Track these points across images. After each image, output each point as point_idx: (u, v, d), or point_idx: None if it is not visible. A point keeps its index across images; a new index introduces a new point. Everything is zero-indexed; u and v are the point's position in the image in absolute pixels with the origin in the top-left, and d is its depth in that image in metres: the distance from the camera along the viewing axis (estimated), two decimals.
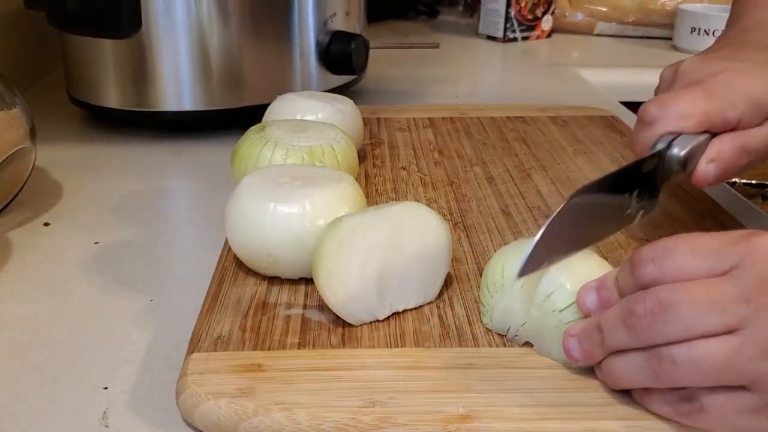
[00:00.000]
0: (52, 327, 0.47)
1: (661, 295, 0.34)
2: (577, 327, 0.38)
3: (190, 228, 0.63)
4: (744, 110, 0.45)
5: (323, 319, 0.43)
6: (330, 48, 0.81)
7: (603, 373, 0.37)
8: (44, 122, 0.78)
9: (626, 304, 0.35)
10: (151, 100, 0.76)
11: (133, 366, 0.43)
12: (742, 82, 0.46)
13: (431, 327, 0.43)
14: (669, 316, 0.33)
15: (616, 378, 0.36)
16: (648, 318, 0.34)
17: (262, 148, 0.54)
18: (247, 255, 0.47)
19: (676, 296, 0.34)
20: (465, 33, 1.38)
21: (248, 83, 0.77)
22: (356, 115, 0.66)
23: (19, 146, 0.59)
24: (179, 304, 0.49)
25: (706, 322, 0.33)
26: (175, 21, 0.73)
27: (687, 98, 0.45)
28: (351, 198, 0.47)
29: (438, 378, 0.38)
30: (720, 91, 0.46)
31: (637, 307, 0.34)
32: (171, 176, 0.72)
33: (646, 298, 0.34)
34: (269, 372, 0.39)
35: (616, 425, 0.35)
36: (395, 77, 1.04)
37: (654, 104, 0.47)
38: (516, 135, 0.75)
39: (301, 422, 0.35)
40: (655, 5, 1.32)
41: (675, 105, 0.45)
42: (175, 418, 0.38)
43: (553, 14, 1.34)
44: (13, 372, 0.42)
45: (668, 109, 0.46)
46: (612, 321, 0.36)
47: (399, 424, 0.35)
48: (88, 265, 0.54)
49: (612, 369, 0.36)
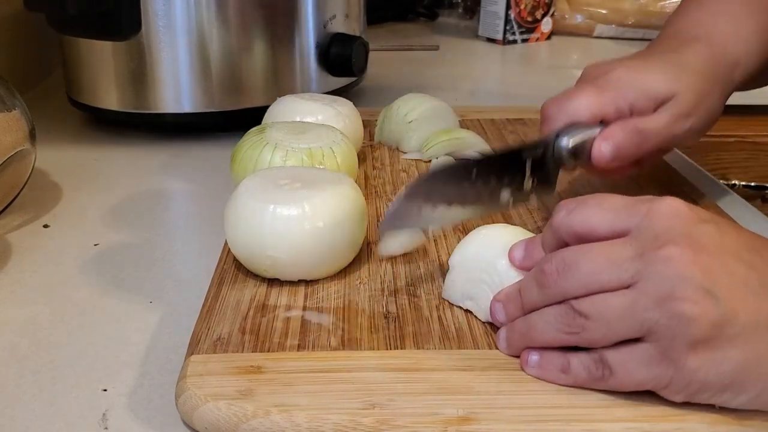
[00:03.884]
0: (52, 329, 0.47)
1: (565, 254, 0.38)
2: (502, 293, 0.42)
3: (190, 230, 0.63)
4: (633, 99, 0.50)
5: (323, 321, 0.43)
6: (330, 50, 0.81)
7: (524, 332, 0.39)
8: (44, 124, 0.78)
9: (538, 265, 0.39)
10: (150, 102, 0.76)
11: (133, 368, 0.43)
12: (632, 75, 0.51)
13: (431, 329, 0.43)
14: (571, 273, 0.37)
15: (535, 333, 0.39)
16: (554, 275, 0.38)
17: (261, 150, 0.54)
18: (247, 257, 0.47)
19: (578, 255, 0.37)
20: (465, 35, 1.38)
21: (248, 85, 0.77)
22: (356, 117, 0.66)
23: (18, 148, 0.59)
24: (179, 306, 0.49)
25: (603, 277, 0.36)
26: (174, 23, 0.73)
27: (580, 94, 0.51)
28: (350, 200, 0.47)
29: (437, 380, 0.38)
30: (610, 86, 0.51)
31: (546, 266, 0.38)
32: (170, 178, 0.72)
33: (553, 258, 0.38)
34: (269, 374, 0.38)
35: (617, 427, 0.35)
36: (395, 79, 1.04)
37: (551, 102, 0.52)
38: (516, 137, 0.75)
39: (301, 424, 0.35)
40: (655, 7, 1.32)
41: (569, 101, 0.50)
42: (175, 420, 0.38)
43: (553, 16, 1.34)
44: (12, 374, 0.42)
45: (563, 106, 0.50)
46: (528, 281, 0.40)
47: (398, 426, 0.35)
48: (88, 267, 0.54)
49: (531, 323, 0.39)
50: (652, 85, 0.50)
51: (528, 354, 0.39)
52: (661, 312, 0.34)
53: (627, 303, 0.35)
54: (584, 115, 0.50)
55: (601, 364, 0.37)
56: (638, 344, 0.36)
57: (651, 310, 0.35)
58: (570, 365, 0.38)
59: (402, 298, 0.46)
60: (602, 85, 0.51)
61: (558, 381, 0.38)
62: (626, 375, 0.36)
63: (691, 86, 0.51)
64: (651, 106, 0.50)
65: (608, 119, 0.50)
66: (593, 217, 0.38)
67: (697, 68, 0.52)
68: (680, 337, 0.34)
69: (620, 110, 0.50)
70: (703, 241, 0.35)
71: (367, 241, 0.50)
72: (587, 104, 0.50)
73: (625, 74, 0.51)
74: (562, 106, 0.51)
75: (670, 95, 0.50)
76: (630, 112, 0.50)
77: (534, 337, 0.39)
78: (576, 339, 0.37)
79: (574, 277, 0.37)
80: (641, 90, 0.50)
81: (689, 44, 0.54)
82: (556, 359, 0.38)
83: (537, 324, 0.39)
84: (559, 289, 0.38)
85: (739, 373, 0.34)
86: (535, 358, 0.39)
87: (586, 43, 1.34)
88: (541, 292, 0.39)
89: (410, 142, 0.70)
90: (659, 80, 0.51)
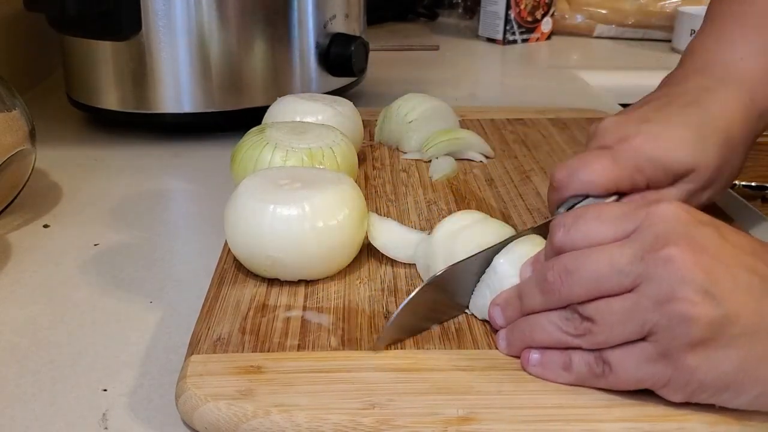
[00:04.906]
0: (51, 329, 0.47)
1: (566, 261, 0.38)
2: (501, 296, 0.42)
3: (190, 230, 0.63)
4: (650, 174, 0.48)
5: (323, 321, 0.43)
6: (330, 50, 0.81)
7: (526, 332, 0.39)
8: (44, 124, 0.78)
9: (539, 272, 0.39)
10: (150, 102, 0.76)
11: (133, 368, 0.43)
12: (650, 146, 0.48)
13: (431, 329, 0.43)
14: (573, 279, 0.37)
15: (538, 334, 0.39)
16: (556, 283, 0.38)
17: (261, 150, 0.54)
18: (247, 257, 0.47)
19: (579, 261, 0.37)
20: (465, 35, 1.38)
21: (248, 85, 0.77)
22: (356, 117, 0.66)
23: (18, 148, 0.59)
24: (179, 306, 0.49)
25: (606, 283, 0.36)
26: (174, 23, 0.73)
27: (594, 165, 0.47)
28: (350, 200, 0.47)
29: (437, 380, 0.38)
30: (628, 158, 0.47)
31: (548, 274, 0.38)
32: (170, 178, 0.72)
33: (554, 265, 0.38)
34: (269, 374, 0.38)
35: (616, 427, 0.35)
36: (395, 79, 1.04)
37: (563, 170, 0.49)
38: (516, 137, 0.75)
39: (301, 424, 0.35)
40: (655, 7, 1.32)
41: (581, 171, 0.48)
42: (175, 420, 0.38)
43: (553, 16, 1.34)
44: (12, 374, 0.42)
45: (575, 176, 0.48)
46: (529, 287, 0.40)
47: (398, 426, 0.35)
48: (88, 267, 0.54)
49: (534, 324, 0.39)
50: (673, 160, 0.48)
51: (529, 353, 0.39)
52: (662, 313, 0.35)
53: (629, 306, 0.35)
54: (598, 188, 0.47)
55: (602, 360, 0.37)
56: (638, 343, 0.36)
57: (652, 312, 0.35)
58: (572, 362, 0.38)
59: (402, 298, 0.46)
60: (618, 156, 0.48)
61: (559, 379, 0.38)
62: (625, 372, 0.36)
63: (712, 157, 0.48)
64: (669, 181, 0.48)
65: (623, 192, 0.48)
66: (594, 231, 0.38)
67: (721, 128, 0.49)
68: (680, 337, 0.34)
69: (636, 186, 0.48)
70: (704, 243, 0.35)
71: (367, 241, 0.50)
72: (602, 177, 0.47)
73: (644, 144, 0.48)
74: (573, 175, 0.48)
75: (690, 170, 0.48)
76: (646, 186, 0.48)
77: (536, 337, 0.39)
78: (580, 342, 0.38)
79: (578, 284, 0.37)
80: (660, 165, 0.48)
81: (713, 92, 0.50)
82: (558, 357, 0.38)
83: (540, 325, 0.39)
84: (563, 296, 0.38)
85: (738, 374, 0.34)
86: (536, 356, 0.39)
87: (586, 43, 1.34)
88: (544, 299, 0.39)
89: (410, 142, 0.70)
90: (680, 154, 0.48)
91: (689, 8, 1.26)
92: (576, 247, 0.38)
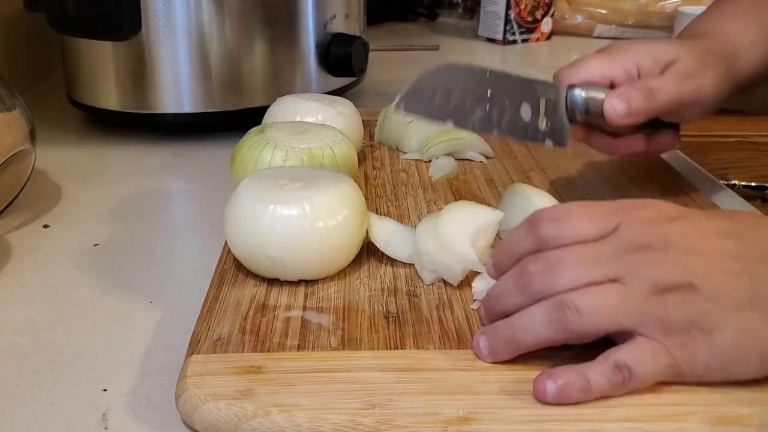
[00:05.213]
0: (51, 329, 0.47)
1: (549, 255, 0.39)
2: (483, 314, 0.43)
3: (190, 230, 0.63)
4: (640, 60, 0.54)
5: (323, 321, 0.43)
6: (330, 50, 0.81)
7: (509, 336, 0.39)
8: (44, 124, 0.78)
9: (518, 267, 0.40)
10: (150, 102, 0.76)
11: (133, 368, 0.43)
12: (638, 43, 0.56)
13: (431, 329, 0.43)
14: (557, 271, 0.38)
15: (521, 334, 0.39)
16: (539, 275, 0.39)
17: (261, 150, 0.54)
18: (247, 257, 0.47)
19: (561, 255, 0.39)
20: (465, 35, 1.38)
21: (248, 85, 0.77)
22: (356, 117, 0.66)
23: (18, 148, 0.59)
24: (178, 306, 0.49)
25: (589, 274, 0.38)
26: (174, 23, 0.73)
27: (590, 58, 0.55)
28: (350, 200, 0.47)
29: (437, 380, 0.38)
30: (619, 51, 0.56)
31: (529, 266, 0.39)
32: (170, 178, 0.72)
33: (537, 259, 0.39)
34: (269, 374, 0.39)
35: (617, 427, 0.35)
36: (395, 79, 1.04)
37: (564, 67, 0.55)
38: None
39: (301, 424, 0.35)
40: (655, 8, 1.32)
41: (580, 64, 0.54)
42: (175, 420, 0.38)
43: (553, 16, 1.34)
44: (12, 374, 0.42)
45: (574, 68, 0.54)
46: (503, 288, 0.41)
47: (398, 426, 0.35)
48: (88, 267, 0.54)
49: (516, 325, 0.39)
50: (658, 49, 0.55)
51: (543, 385, 0.37)
52: (649, 307, 0.37)
53: (614, 294, 0.37)
54: (595, 75, 0.54)
55: (617, 368, 0.37)
56: (642, 339, 0.37)
57: (639, 304, 0.37)
58: (590, 382, 0.36)
59: (402, 298, 0.46)
60: (611, 51, 0.56)
61: (583, 400, 0.37)
62: (644, 369, 0.37)
63: (692, 52, 0.55)
64: (657, 69, 0.54)
65: (618, 82, 0.54)
66: (582, 227, 0.40)
67: (700, 44, 0.56)
68: (673, 327, 0.36)
69: (629, 72, 0.54)
70: (675, 241, 0.38)
71: (367, 241, 0.50)
72: (598, 66, 0.54)
73: (632, 43, 0.56)
74: (573, 68, 0.55)
75: (674, 58, 0.54)
76: (638, 74, 0.54)
77: (520, 339, 0.39)
78: (566, 335, 0.37)
79: (563, 273, 0.38)
80: (647, 53, 0.55)
81: (694, 36, 0.59)
82: (574, 381, 0.36)
83: (522, 324, 0.39)
84: (546, 286, 0.38)
85: (738, 349, 0.36)
86: (551, 387, 0.36)
87: (586, 43, 1.34)
88: (525, 292, 0.39)
89: (410, 142, 0.70)
90: (663, 46, 0.55)
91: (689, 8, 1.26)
92: (563, 242, 0.39)
